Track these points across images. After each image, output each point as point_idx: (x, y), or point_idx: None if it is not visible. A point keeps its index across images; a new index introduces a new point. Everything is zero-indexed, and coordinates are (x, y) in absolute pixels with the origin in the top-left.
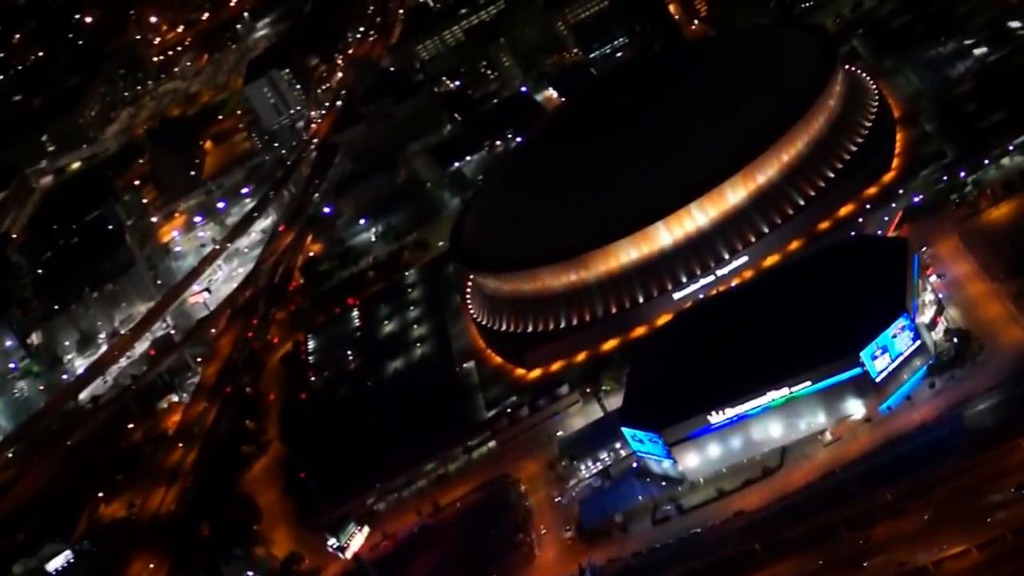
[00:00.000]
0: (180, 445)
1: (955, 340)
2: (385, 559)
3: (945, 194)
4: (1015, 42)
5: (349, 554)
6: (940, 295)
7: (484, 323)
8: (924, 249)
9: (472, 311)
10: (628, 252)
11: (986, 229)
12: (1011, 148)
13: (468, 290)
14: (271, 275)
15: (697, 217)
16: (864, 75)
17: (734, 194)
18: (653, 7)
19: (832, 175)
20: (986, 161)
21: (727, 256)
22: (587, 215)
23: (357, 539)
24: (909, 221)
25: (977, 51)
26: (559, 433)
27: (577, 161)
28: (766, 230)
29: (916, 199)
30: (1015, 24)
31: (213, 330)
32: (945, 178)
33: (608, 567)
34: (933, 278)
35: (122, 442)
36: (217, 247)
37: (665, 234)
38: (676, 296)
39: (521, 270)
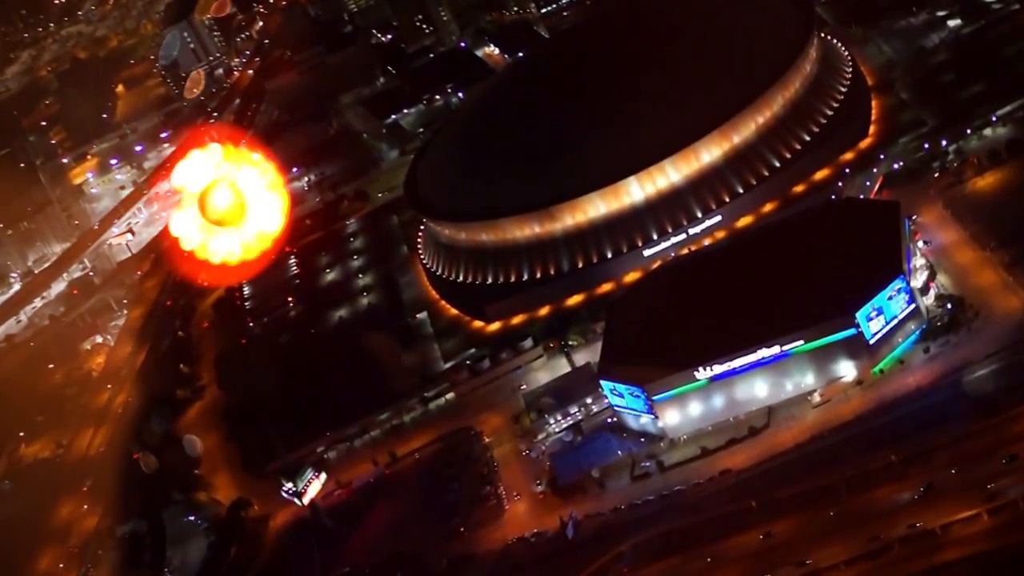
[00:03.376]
0: (108, 387)
1: (948, 306)
2: (340, 508)
3: (926, 162)
4: (990, 15)
5: (306, 500)
6: (931, 261)
7: (439, 273)
8: (912, 216)
9: (425, 261)
10: (598, 206)
11: (972, 198)
12: (994, 119)
13: (419, 240)
14: None
15: (671, 174)
16: (836, 42)
17: (709, 153)
18: None
19: (808, 139)
20: (968, 131)
21: (700, 215)
22: (556, 168)
23: (315, 485)
24: (890, 188)
25: (951, 23)
26: (522, 387)
27: (545, 114)
28: (741, 190)
29: (895, 166)
30: None
31: (139, 272)
32: (927, 146)
33: (586, 522)
34: (920, 244)
35: (42, 383)
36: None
37: (637, 190)
38: (646, 253)
39: (486, 220)
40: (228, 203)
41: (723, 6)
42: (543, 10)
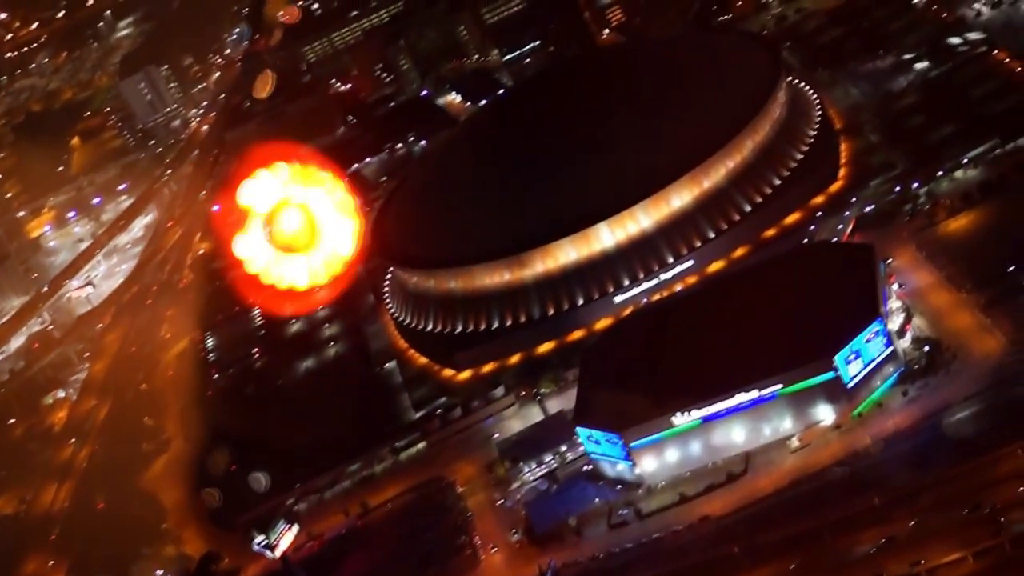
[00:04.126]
0: (71, 441)
1: (926, 348)
2: (312, 560)
3: (898, 205)
4: (956, 58)
5: (278, 553)
6: (907, 303)
7: (407, 323)
8: (886, 260)
9: (392, 310)
10: (569, 252)
11: (946, 240)
12: (965, 161)
13: (386, 289)
14: (159, 272)
15: (641, 220)
16: (803, 85)
17: (679, 198)
18: (566, 13)
19: (779, 183)
20: (939, 173)
21: (671, 260)
22: (526, 214)
23: (287, 537)
24: (862, 231)
25: (918, 65)
26: (495, 435)
27: (514, 161)
28: (712, 235)
29: (867, 209)
30: (955, 40)
31: (100, 324)
32: (898, 189)
33: (564, 570)
34: (895, 287)
35: (3, 438)
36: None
37: (608, 235)
38: (618, 299)
39: (456, 267)
40: (297, 226)
41: (691, 52)
42: (505, 57)
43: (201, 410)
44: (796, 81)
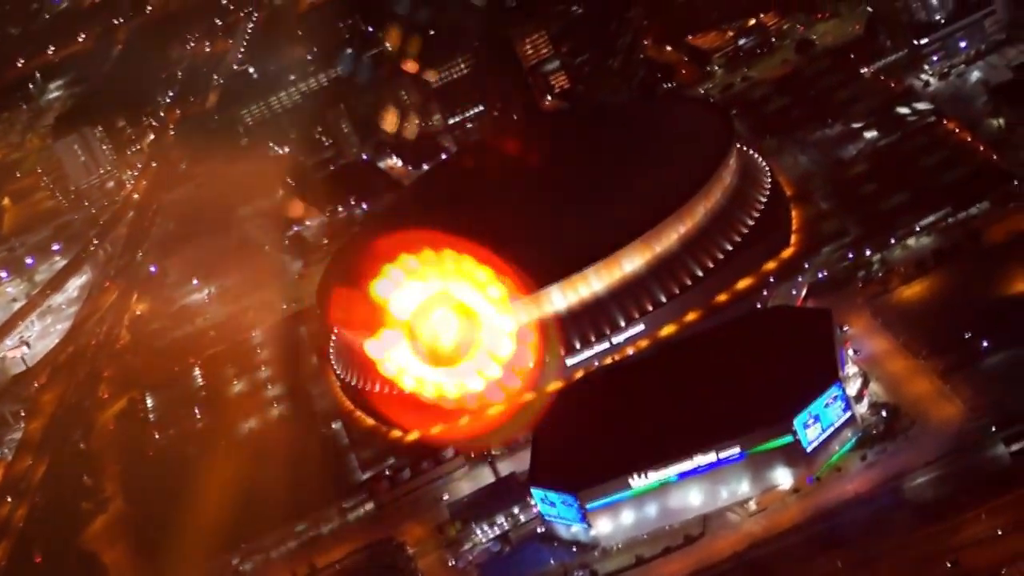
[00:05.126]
0: (8, 500)
1: (883, 414)
2: None
3: (851, 271)
4: (906, 127)
5: None
6: (863, 369)
7: (354, 384)
8: (842, 327)
9: (338, 372)
10: (519, 316)
11: (901, 307)
12: (918, 228)
13: (331, 350)
14: (95, 332)
15: (593, 283)
16: (752, 152)
17: (631, 262)
18: (509, 78)
19: (730, 248)
20: (892, 241)
21: (623, 324)
22: None
23: None
24: (815, 297)
25: (868, 134)
26: (445, 496)
27: (463, 224)
28: (664, 299)
29: (820, 275)
30: (904, 110)
31: (36, 384)
32: (851, 255)
33: None
34: (851, 352)
35: None
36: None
37: (560, 298)
38: (569, 362)
39: None
40: (454, 333)
41: (641, 118)
42: (450, 121)
43: (142, 470)
44: (745, 148)
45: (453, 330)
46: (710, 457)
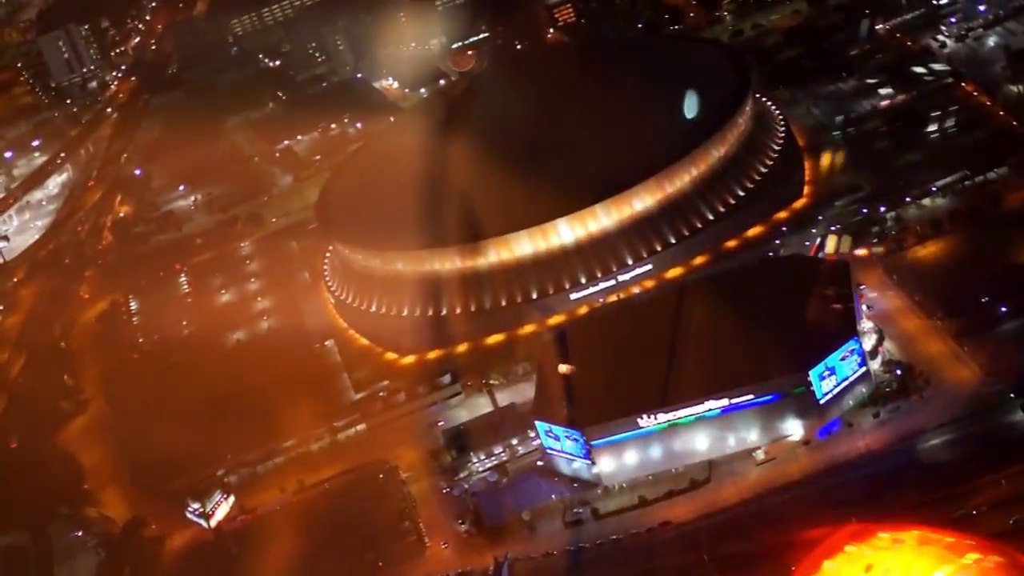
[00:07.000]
0: None
1: (897, 372)
2: (244, 535)
3: (864, 227)
4: (922, 86)
5: (213, 522)
6: (878, 325)
7: (350, 303)
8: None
9: (335, 290)
10: (525, 245)
11: (915, 266)
12: (933, 189)
13: (326, 268)
14: (76, 231)
15: (602, 219)
16: (767, 100)
17: (642, 201)
18: (514, 8)
19: (742, 195)
20: (907, 199)
21: (630, 262)
22: (484, 204)
23: (222, 508)
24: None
25: (883, 91)
26: (440, 423)
27: (474, 150)
28: (673, 241)
29: (832, 229)
30: (920, 70)
31: (15, 279)
32: (864, 211)
33: (516, 565)
34: (864, 308)
35: None
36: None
37: (567, 231)
38: (573, 297)
39: (409, 251)
40: None
41: (661, 60)
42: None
43: (124, 373)
44: (762, 97)
45: None
46: (722, 403)
